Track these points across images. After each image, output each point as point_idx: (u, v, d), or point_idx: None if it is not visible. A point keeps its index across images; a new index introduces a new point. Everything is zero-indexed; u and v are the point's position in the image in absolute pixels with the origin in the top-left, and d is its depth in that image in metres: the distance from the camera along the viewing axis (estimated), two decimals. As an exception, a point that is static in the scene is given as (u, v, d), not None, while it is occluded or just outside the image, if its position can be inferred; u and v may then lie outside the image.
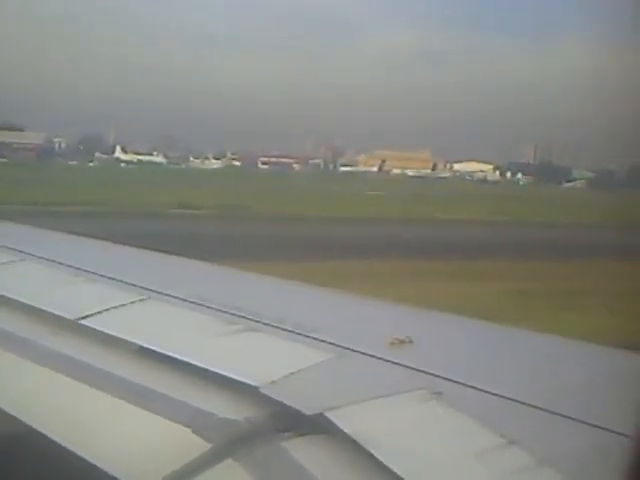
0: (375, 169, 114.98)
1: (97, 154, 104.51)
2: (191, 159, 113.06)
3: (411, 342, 3.41)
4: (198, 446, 2.87)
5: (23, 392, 3.67)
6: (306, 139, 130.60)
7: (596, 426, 2.57)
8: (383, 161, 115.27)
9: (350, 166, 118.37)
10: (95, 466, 2.91)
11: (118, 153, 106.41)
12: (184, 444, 2.91)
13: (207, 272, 5.74)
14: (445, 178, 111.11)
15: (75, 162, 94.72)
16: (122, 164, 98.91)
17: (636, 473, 1.98)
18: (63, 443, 3.11)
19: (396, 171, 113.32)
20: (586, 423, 2.60)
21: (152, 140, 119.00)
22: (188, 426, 2.99)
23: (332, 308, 4.46)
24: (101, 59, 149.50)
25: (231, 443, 2.86)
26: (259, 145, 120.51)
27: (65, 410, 3.46)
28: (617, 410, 2.50)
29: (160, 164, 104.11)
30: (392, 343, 3.39)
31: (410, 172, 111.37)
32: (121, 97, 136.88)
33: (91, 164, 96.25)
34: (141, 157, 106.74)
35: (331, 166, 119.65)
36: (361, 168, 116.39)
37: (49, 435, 3.20)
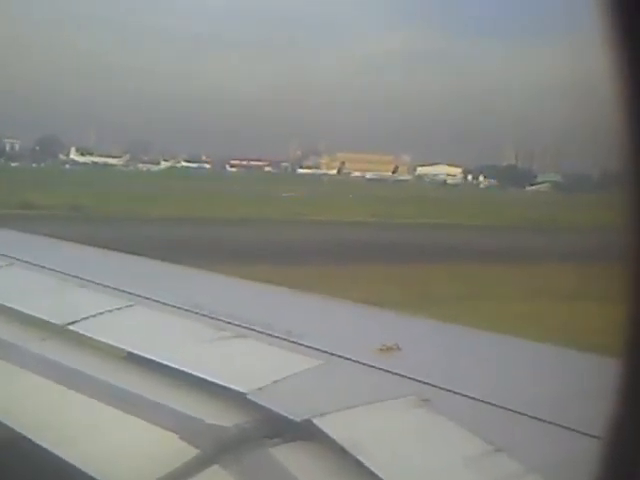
0: (334, 172, 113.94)
1: (59, 156, 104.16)
2: (161, 162, 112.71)
3: (399, 349, 3.44)
4: (186, 452, 2.90)
5: (10, 397, 3.67)
6: (279, 142, 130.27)
7: (583, 433, 2.57)
8: (342, 163, 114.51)
9: (312, 168, 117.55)
10: (83, 472, 2.92)
11: (73, 155, 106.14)
12: (172, 450, 2.94)
13: (195, 278, 5.76)
14: (406, 181, 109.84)
15: (17, 164, 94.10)
16: (67, 166, 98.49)
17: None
18: (51, 449, 3.12)
19: (356, 174, 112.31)
20: (573, 430, 2.62)
21: (125, 143, 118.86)
22: (176, 432, 3.03)
23: (320, 314, 4.49)
24: (80, 61, 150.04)
25: (219, 449, 2.89)
26: (235, 148, 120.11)
27: (52, 416, 3.48)
28: (604, 416, 2.42)
29: (113, 166, 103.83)
30: (380, 350, 3.43)
31: (369, 175, 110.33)
32: (97, 99, 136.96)
33: (34, 165, 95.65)
34: (96, 159, 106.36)
35: (298, 168, 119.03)
36: (321, 170, 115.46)
37: (36, 441, 3.21)
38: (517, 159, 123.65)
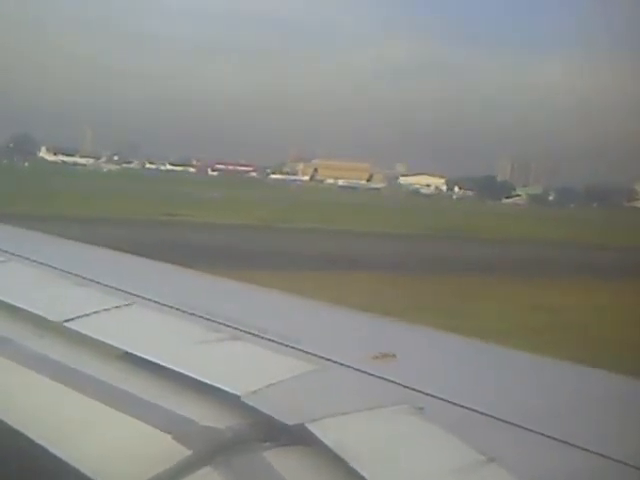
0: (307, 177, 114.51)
1: (31, 154, 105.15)
2: (141, 164, 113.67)
3: (394, 356, 3.40)
4: (178, 453, 2.90)
5: (3, 393, 3.65)
6: (268, 147, 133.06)
7: (577, 446, 2.60)
8: (315, 170, 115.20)
9: (291, 174, 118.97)
10: (75, 469, 2.91)
11: (43, 153, 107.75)
12: (164, 450, 2.94)
13: (193, 279, 5.74)
14: (377, 189, 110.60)
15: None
16: (26, 164, 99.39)
17: None
18: (44, 446, 3.08)
19: (329, 181, 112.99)
20: (567, 443, 2.64)
21: (118, 144, 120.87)
22: (168, 432, 3.02)
23: (317, 319, 4.44)
24: (75, 62, 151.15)
25: (211, 451, 2.89)
26: (227, 153, 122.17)
27: (46, 413, 3.44)
28: (597, 431, 2.50)
29: (84, 166, 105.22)
30: (375, 357, 3.37)
31: (341, 182, 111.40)
32: (89, 101, 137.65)
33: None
34: (66, 159, 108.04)
35: (275, 174, 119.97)
36: (293, 176, 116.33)
37: (29, 436, 3.16)
38: (500, 171, 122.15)
